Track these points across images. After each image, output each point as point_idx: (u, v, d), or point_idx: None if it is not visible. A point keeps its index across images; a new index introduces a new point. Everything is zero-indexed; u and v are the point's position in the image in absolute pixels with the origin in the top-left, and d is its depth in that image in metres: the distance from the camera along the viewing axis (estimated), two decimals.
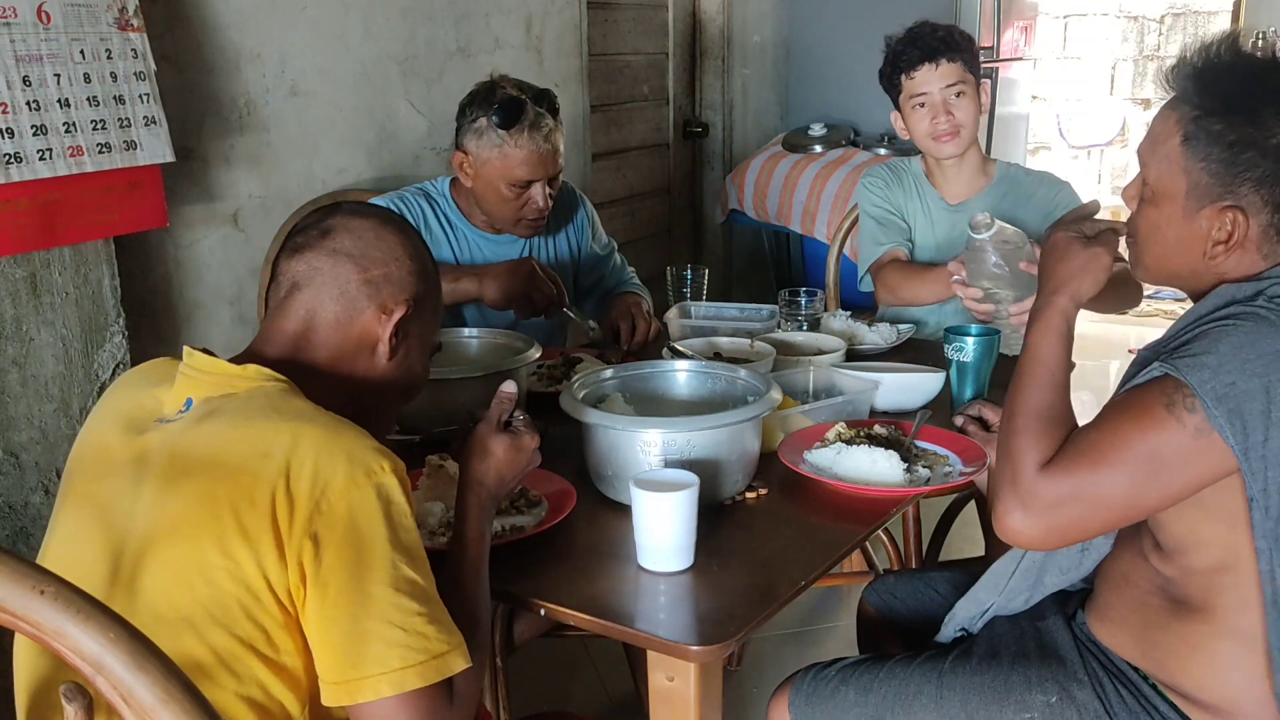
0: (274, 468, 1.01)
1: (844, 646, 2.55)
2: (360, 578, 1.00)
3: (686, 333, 2.10)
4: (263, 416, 1.06)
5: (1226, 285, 1.19)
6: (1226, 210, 1.17)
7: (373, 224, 1.22)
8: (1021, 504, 1.16)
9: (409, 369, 1.26)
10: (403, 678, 0.99)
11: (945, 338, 1.81)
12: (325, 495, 1.00)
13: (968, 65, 2.25)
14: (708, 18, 4.31)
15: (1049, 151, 7.79)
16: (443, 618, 1.03)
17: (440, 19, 2.91)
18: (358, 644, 0.99)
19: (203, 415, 1.09)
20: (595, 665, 2.50)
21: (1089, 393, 4.60)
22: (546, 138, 2.05)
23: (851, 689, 1.37)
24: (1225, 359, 1.08)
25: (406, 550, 1.03)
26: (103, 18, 1.95)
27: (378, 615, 0.99)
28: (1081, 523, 1.16)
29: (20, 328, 1.90)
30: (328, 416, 1.08)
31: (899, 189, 2.40)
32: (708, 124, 4.40)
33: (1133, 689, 1.27)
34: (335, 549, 1.00)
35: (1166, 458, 1.10)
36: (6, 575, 0.73)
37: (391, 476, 1.04)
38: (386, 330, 1.20)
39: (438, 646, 1.01)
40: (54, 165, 1.86)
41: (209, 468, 1.03)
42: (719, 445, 1.39)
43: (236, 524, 1.00)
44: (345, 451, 1.03)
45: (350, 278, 1.19)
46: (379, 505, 1.02)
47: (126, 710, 0.73)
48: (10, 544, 1.93)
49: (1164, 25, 7.97)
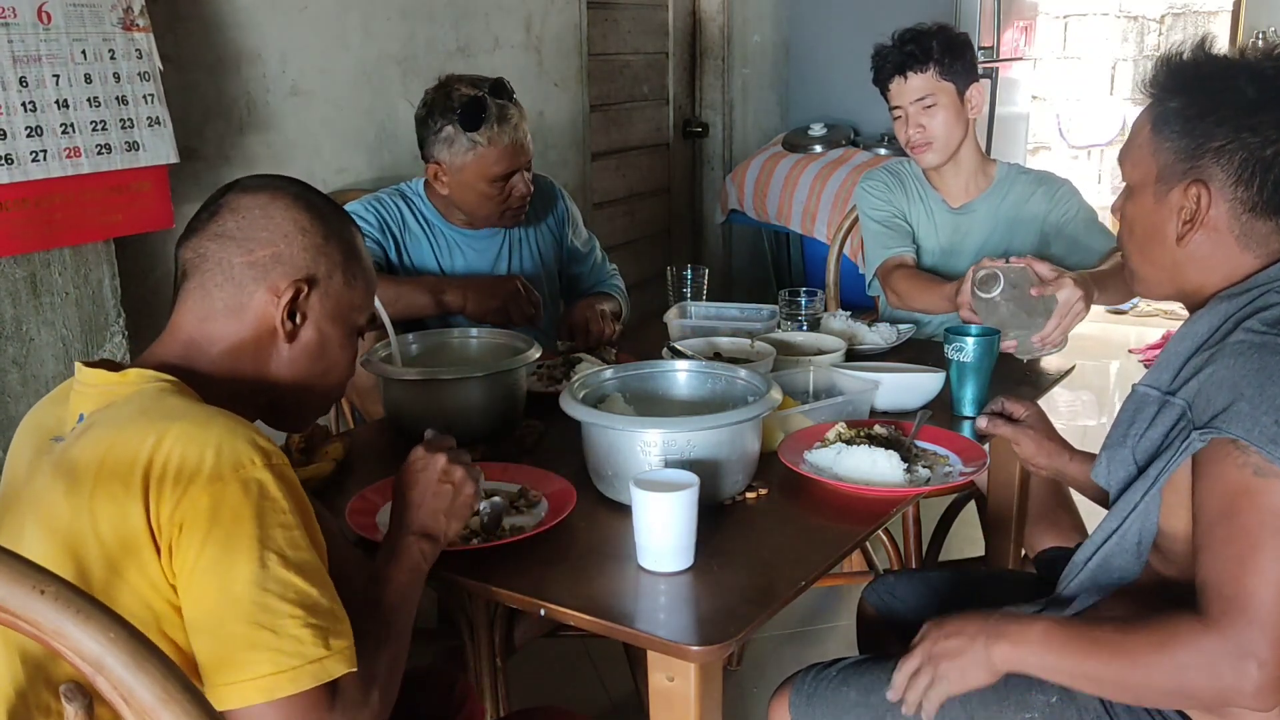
0: (139, 469, 0.96)
1: (844, 646, 2.55)
2: (227, 578, 0.94)
3: (686, 333, 2.10)
4: (131, 421, 1.00)
5: (1219, 301, 1.20)
6: (1191, 186, 1.19)
7: (261, 200, 1.14)
8: (1232, 667, 1.04)
9: (322, 354, 1.17)
10: (273, 684, 0.92)
11: (945, 338, 1.81)
12: (188, 491, 0.94)
13: (943, 73, 2.22)
14: (708, 18, 4.31)
15: (1049, 151, 7.79)
16: (324, 621, 0.96)
17: (440, 19, 2.91)
18: (224, 647, 0.93)
19: (85, 429, 1.04)
20: (595, 665, 2.50)
21: (1090, 392, 4.60)
22: (515, 127, 2.05)
23: (852, 689, 1.37)
24: (1257, 405, 1.07)
25: (280, 549, 0.96)
26: (107, 18, 1.95)
27: (245, 618, 0.93)
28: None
29: (20, 328, 1.91)
30: (200, 410, 1.02)
31: (900, 192, 2.40)
32: (708, 124, 4.40)
33: None
34: (198, 547, 0.94)
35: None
36: (6, 575, 0.73)
37: (265, 471, 0.97)
38: (280, 313, 1.12)
39: (313, 651, 0.94)
40: (48, 167, 1.86)
41: (85, 483, 0.98)
42: (719, 445, 1.39)
43: (116, 537, 0.95)
44: (213, 445, 0.96)
45: (234, 260, 1.12)
46: (246, 501, 0.95)
47: (126, 710, 0.73)
48: None
49: (1164, 25, 7.97)
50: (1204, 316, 1.21)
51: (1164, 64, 1.24)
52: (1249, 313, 1.15)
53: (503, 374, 1.73)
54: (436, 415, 1.67)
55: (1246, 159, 1.16)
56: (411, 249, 2.18)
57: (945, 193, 2.36)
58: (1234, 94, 1.17)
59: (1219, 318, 1.18)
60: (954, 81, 2.23)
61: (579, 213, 2.43)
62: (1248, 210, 1.18)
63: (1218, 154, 1.17)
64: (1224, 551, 1.07)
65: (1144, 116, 1.25)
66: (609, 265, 2.46)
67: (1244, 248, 1.19)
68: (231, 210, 1.14)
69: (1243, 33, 4.50)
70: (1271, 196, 1.17)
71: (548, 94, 3.36)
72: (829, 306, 2.64)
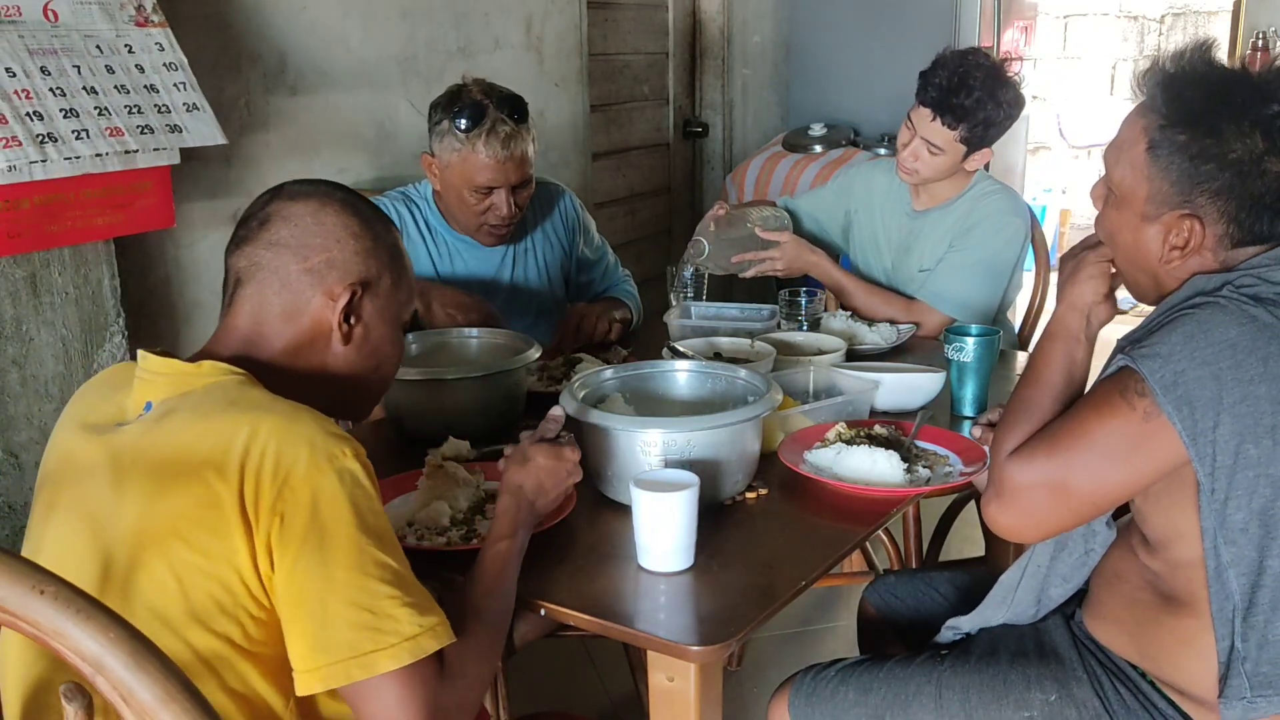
0: (235, 458, 1.00)
1: (844, 646, 2.55)
2: (326, 562, 0.99)
3: (686, 333, 2.10)
4: (220, 410, 1.05)
5: (1199, 276, 1.21)
6: (1185, 218, 1.19)
7: (311, 208, 1.18)
8: (995, 489, 1.22)
9: (375, 350, 1.23)
10: (373, 661, 0.98)
11: (945, 338, 1.82)
12: (288, 482, 0.99)
13: (965, 138, 2.22)
14: (708, 18, 4.31)
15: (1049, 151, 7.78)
16: (418, 600, 1.02)
17: (440, 19, 2.91)
18: (326, 629, 0.98)
19: (162, 415, 1.07)
20: (595, 665, 2.50)
21: None
22: (505, 144, 2.01)
23: (851, 689, 1.38)
24: (1176, 348, 1.12)
25: (373, 534, 1.02)
26: (118, 16, 1.95)
27: (345, 599, 0.99)
28: (1051, 510, 1.19)
29: (20, 328, 1.90)
30: (285, 404, 1.07)
31: (867, 191, 2.50)
32: (708, 124, 4.40)
33: (1131, 686, 1.27)
34: (301, 533, 0.99)
35: (1120, 443, 1.14)
36: (6, 575, 0.72)
37: (354, 461, 1.03)
38: (336, 316, 1.17)
39: (409, 629, 1.00)
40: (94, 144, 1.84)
41: (171, 467, 1.02)
42: (719, 445, 1.39)
43: (203, 520, 1.00)
44: (306, 438, 1.02)
45: (290, 268, 1.16)
46: (343, 490, 1.01)
47: (126, 710, 0.73)
48: (10, 544, 1.93)
49: (1164, 25, 7.97)
50: (1181, 290, 1.22)
51: (1168, 80, 1.21)
52: (1220, 284, 1.17)
53: (503, 374, 1.73)
54: (436, 415, 1.67)
55: (1242, 203, 1.17)
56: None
57: (914, 195, 2.42)
58: (1240, 135, 1.15)
59: (1193, 289, 1.20)
60: (969, 146, 2.25)
61: (591, 219, 2.42)
62: (1234, 243, 1.20)
63: (1216, 194, 1.18)
64: (1054, 424, 1.21)
65: (1139, 129, 1.22)
66: (621, 270, 2.45)
67: (1220, 263, 1.21)
68: (284, 219, 1.17)
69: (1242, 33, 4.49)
70: (1261, 231, 1.19)
71: (548, 94, 3.36)
72: (829, 306, 2.64)
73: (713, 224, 2.31)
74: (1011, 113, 2.25)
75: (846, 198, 2.54)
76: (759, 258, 2.34)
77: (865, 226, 2.50)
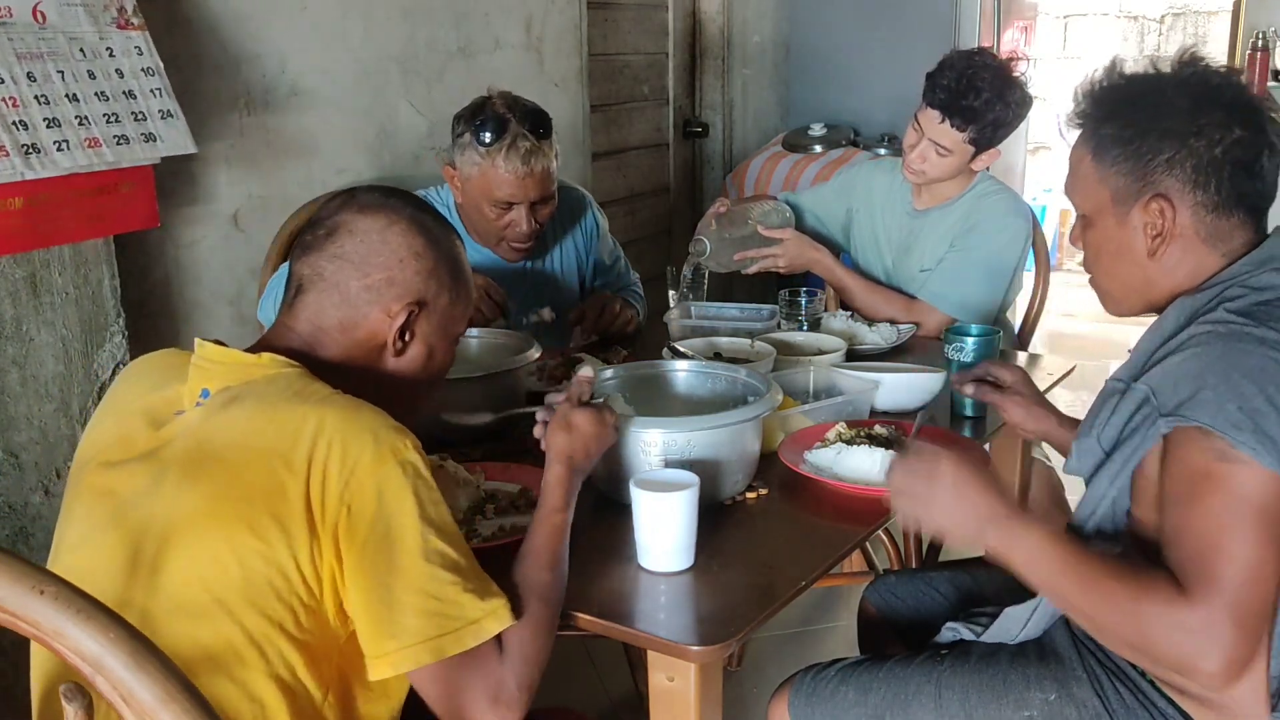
0: (303, 450, 1.03)
1: (844, 646, 2.55)
2: (392, 552, 1.03)
3: (686, 333, 2.10)
4: (285, 401, 1.08)
5: (1184, 298, 1.22)
6: (1152, 200, 1.21)
7: (379, 224, 1.20)
8: (1195, 641, 1.04)
9: (427, 361, 1.26)
10: (440, 645, 1.02)
11: (945, 338, 1.82)
12: (355, 473, 1.03)
13: (973, 139, 2.22)
14: (708, 18, 4.31)
15: (1049, 151, 7.78)
16: (479, 586, 1.06)
17: (440, 19, 2.91)
18: (395, 616, 1.02)
19: (225, 402, 1.10)
20: (595, 665, 2.50)
21: (1089, 392, 4.60)
22: (526, 159, 2.00)
23: (851, 689, 1.38)
24: (1221, 393, 1.08)
25: (435, 523, 1.05)
26: (100, 17, 1.95)
27: (412, 587, 1.03)
28: (1251, 610, 1.05)
29: (20, 328, 1.90)
30: (347, 398, 1.10)
31: (867, 190, 2.49)
32: (708, 124, 4.39)
33: (1131, 686, 1.27)
34: (368, 525, 1.03)
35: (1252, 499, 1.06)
36: (6, 575, 0.73)
37: (415, 453, 1.07)
38: (391, 334, 1.20)
39: (473, 613, 1.04)
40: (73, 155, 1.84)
41: (236, 453, 1.05)
42: (719, 445, 1.39)
43: (267, 506, 1.02)
44: (370, 431, 1.05)
45: (351, 283, 1.18)
46: (406, 481, 1.05)
47: (126, 710, 0.73)
48: (10, 544, 1.92)
49: (1164, 25, 7.97)
50: (1169, 314, 1.23)
51: (1087, 94, 1.28)
52: (1213, 305, 1.18)
53: (503, 374, 1.73)
54: (436, 415, 1.67)
55: (1198, 164, 1.19)
56: None
57: (915, 195, 2.41)
58: (1168, 106, 1.20)
59: (1183, 312, 1.21)
60: (977, 147, 2.25)
61: (607, 225, 2.42)
62: (1210, 211, 1.21)
63: (1169, 165, 1.20)
64: (1194, 531, 1.08)
65: (1080, 148, 1.29)
66: (631, 274, 2.46)
67: (1212, 247, 1.22)
68: (350, 232, 1.19)
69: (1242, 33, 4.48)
70: (1230, 193, 1.20)
71: (548, 94, 3.36)
72: (829, 306, 2.65)
73: (714, 222, 2.31)
74: (1020, 113, 2.26)
75: (848, 195, 2.54)
76: (761, 254, 2.34)
77: (866, 225, 2.50)
